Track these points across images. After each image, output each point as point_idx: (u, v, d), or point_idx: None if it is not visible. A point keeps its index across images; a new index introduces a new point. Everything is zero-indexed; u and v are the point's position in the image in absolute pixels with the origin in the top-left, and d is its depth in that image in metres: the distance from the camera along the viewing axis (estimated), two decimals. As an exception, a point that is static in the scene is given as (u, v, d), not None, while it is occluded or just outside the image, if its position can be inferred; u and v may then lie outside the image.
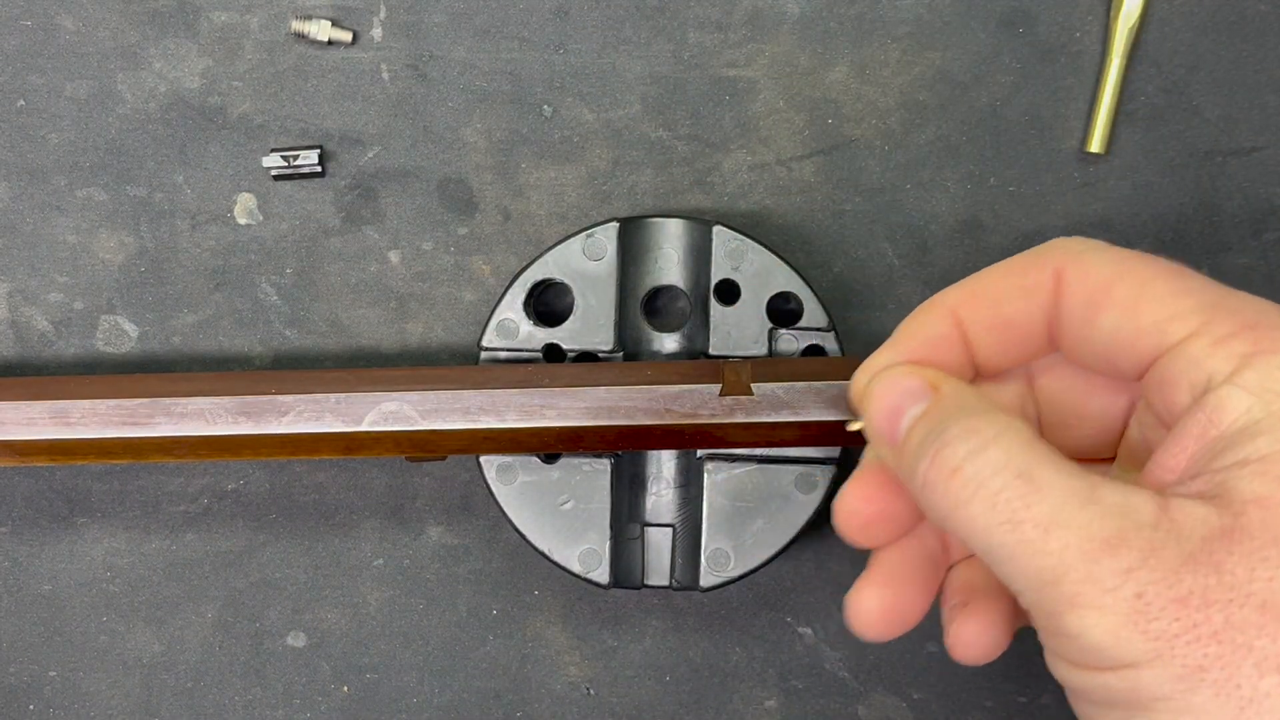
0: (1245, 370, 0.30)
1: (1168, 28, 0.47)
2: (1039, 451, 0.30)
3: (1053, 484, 0.30)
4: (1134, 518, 0.29)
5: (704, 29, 0.47)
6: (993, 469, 0.30)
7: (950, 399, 0.32)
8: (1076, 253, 0.33)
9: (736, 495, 0.44)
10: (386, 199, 0.48)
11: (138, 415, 0.43)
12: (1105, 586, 0.29)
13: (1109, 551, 0.29)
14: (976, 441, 0.31)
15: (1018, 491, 0.30)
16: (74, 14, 0.48)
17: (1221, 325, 0.31)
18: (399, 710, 0.48)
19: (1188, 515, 0.29)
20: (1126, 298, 0.32)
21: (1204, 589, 0.28)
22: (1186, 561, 0.29)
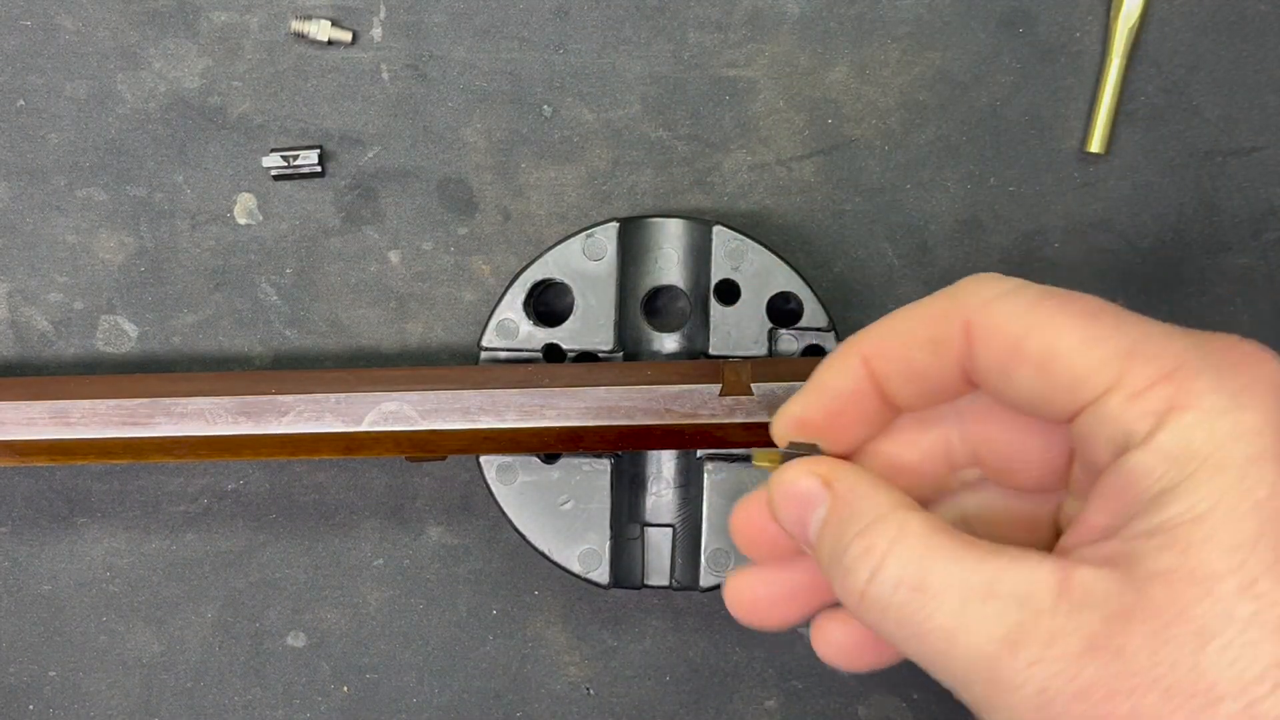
0: (1160, 431, 0.29)
1: (1168, 28, 0.47)
2: (934, 550, 0.30)
3: (947, 588, 0.30)
4: (1033, 605, 0.29)
5: (704, 29, 0.47)
6: (891, 587, 0.30)
7: (845, 502, 0.33)
8: (984, 301, 0.31)
9: (737, 495, 0.44)
10: (386, 199, 0.48)
11: (138, 415, 0.43)
12: (1011, 686, 0.29)
13: (1009, 650, 0.29)
14: (873, 561, 0.31)
15: (917, 606, 0.30)
16: (74, 14, 0.48)
17: (1138, 376, 0.29)
18: (399, 710, 0.48)
19: (1090, 591, 0.29)
20: (1038, 353, 0.30)
21: (1107, 678, 0.28)
22: (1088, 649, 0.28)
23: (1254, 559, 0.27)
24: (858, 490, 0.33)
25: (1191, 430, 0.28)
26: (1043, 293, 0.31)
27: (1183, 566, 0.28)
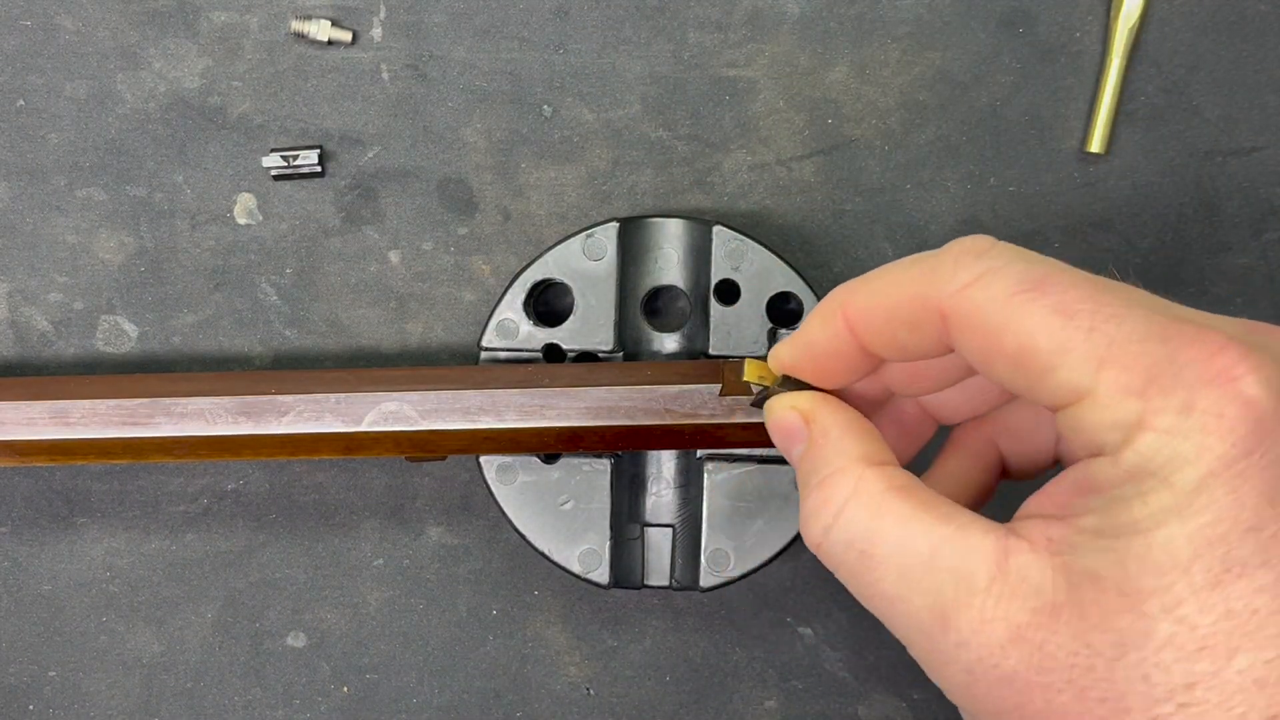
0: (1124, 448, 0.29)
1: (1168, 28, 0.47)
2: (884, 513, 0.32)
3: (890, 557, 0.31)
4: (968, 584, 0.30)
5: (704, 29, 0.47)
6: (843, 546, 0.32)
7: (816, 446, 0.34)
8: (962, 286, 0.31)
9: (736, 495, 0.44)
10: (386, 199, 0.48)
11: (138, 415, 0.43)
12: (942, 659, 0.30)
13: (941, 627, 0.30)
14: (828, 514, 0.33)
15: (863, 568, 0.32)
16: (74, 14, 0.48)
17: (1108, 387, 0.29)
18: (399, 710, 0.48)
19: (1024, 579, 0.29)
20: (1014, 351, 0.30)
21: (1027, 670, 0.29)
22: (1012, 639, 0.29)
23: (1183, 583, 0.28)
24: (830, 435, 0.34)
25: (1152, 450, 0.28)
26: (1021, 280, 0.30)
27: (1115, 576, 0.28)
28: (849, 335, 0.34)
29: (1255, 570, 0.27)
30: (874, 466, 0.33)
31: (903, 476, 0.33)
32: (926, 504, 0.32)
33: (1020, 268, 0.30)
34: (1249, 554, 0.27)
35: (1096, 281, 0.30)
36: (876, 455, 0.33)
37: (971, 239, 0.32)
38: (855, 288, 0.34)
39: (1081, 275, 0.30)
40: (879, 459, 0.33)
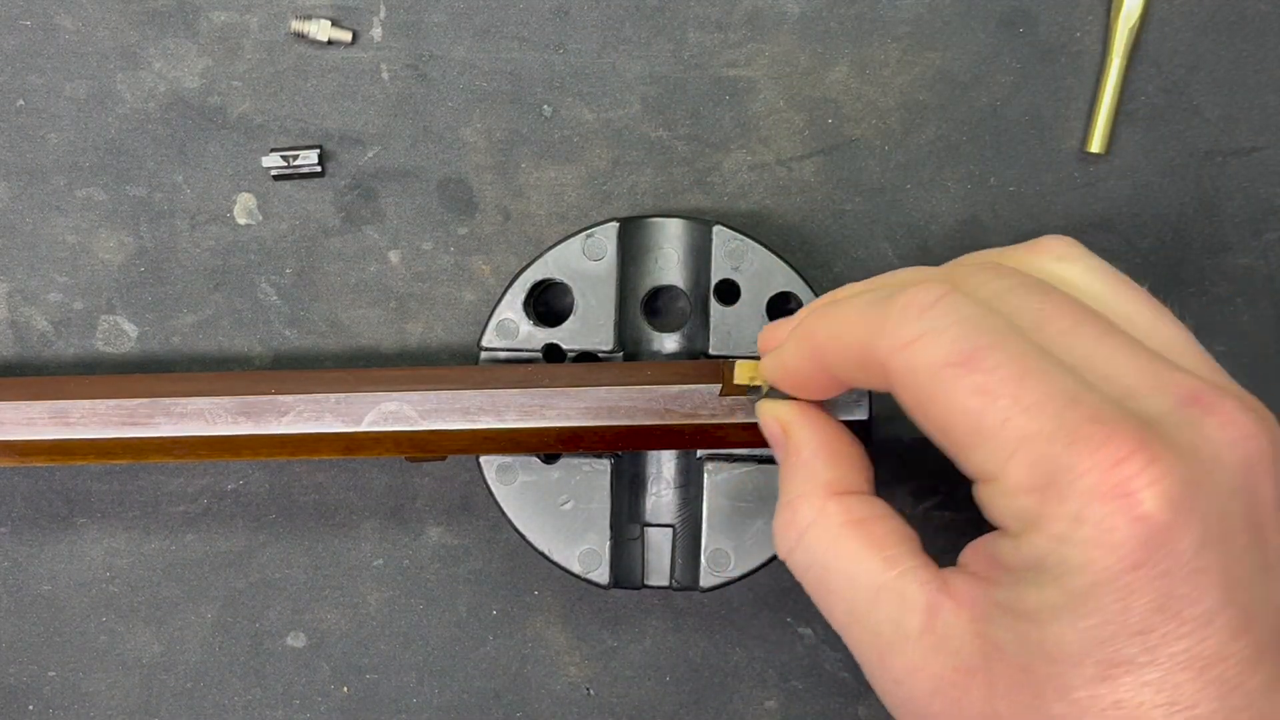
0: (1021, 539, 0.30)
1: (1168, 28, 0.47)
2: (838, 547, 0.34)
3: (839, 590, 0.34)
4: (903, 629, 0.32)
5: (704, 29, 0.47)
6: (803, 568, 0.35)
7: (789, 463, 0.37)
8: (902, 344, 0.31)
9: (737, 495, 0.44)
10: (386, 199, 0.48)
11: (138, 415, 0.43)
12: (882, 688, 0.33)
13: (880, 663, 0.33)
14: (793, 537, 0.35)
15: (819, 593, 0.35)
16: (74, 14, 0.48)
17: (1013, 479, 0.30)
18: (399, 710, 0.48)
19: (948, 637, 0.32)
20: (938, 422, 0.31)
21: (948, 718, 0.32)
22: (935, 691, 0.32)
23: (1073, 673, 0.29)
24: (802, 454, 0.36)
25: (1044, 550, 0.29)
26: (952, 351, 0.30)
27: (1017, 654, 0.30)
28: (817, 362, 0.35)
29: (1142, 668, 0.29)
30: (835, 497, 0.35)
31: (862, 508, 0.35)
32: (877, 543, 0.34)
33: (954, 335, 0.31)
34: (1136, 653, 0.29)
35: (1030, 360, 0.30)
36: (841, 483, 0.35)
37: (926, 288, 0.32)
38: (819, 319, 0.35)
39: (1020, 350, 0.30)
40: (843, 487, 0.35)
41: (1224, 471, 0.29)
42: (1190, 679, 0.29)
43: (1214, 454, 0.29)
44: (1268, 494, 0.30)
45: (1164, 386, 0.30)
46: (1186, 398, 0.30)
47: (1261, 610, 0.29)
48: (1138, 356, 0.31)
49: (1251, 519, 0.29)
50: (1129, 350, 0.31)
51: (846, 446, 0.36)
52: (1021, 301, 0.32)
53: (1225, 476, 0.29)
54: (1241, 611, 0.29)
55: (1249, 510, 0.30)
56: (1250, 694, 0.29)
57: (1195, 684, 0.29)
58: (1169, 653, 0.29)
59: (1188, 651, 0.29)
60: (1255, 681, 0.29)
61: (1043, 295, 0.32)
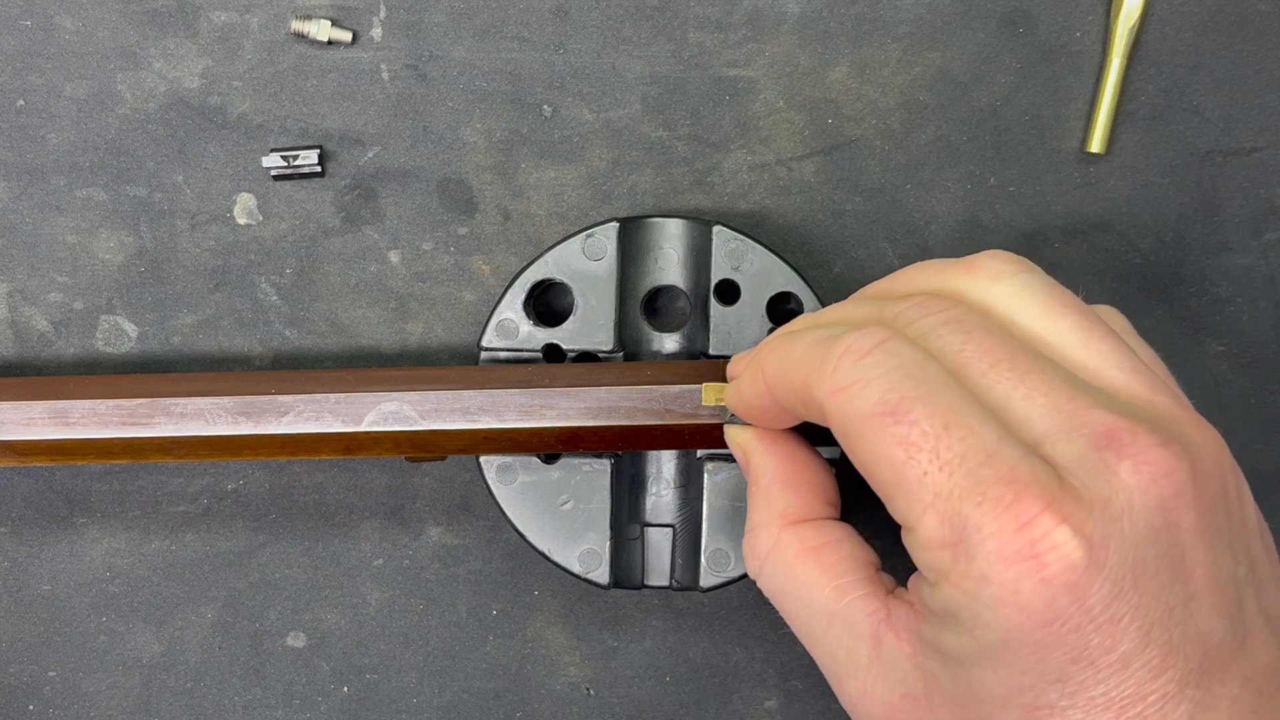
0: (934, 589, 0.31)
1: (1168, 28, 0.47)
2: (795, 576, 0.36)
3: (797, 616, 0.36)
4: (855, 656, 0.34)
5: (704, 29, 0.47)
6: (768, 590, 0.37)
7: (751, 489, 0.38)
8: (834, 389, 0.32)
9: (737, 495, 0.44)
10: (386, 199, 0.48)
11: (138, 415, 0.43)
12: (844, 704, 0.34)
13: (836, 683, 0.35)
14: (755, 563, 0.37)
15: (785, 615, 0.36)
16: (74, 14, 0.48)
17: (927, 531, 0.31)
18: (399, 710, 0.48)
19: (893, 666, 0.33)
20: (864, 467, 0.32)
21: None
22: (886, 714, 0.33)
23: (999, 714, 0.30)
24: (760, 483, 0.38)
25: (957, 604, 0.30)
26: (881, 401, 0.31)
27: (950, 689, 0.31)
28: (771, 398, 0.36)
29: (1064, 711, 0.30)
30: (789, 527, 0.36)
31: (815, 536, 0.36)
32: (829, 571, 0.35)
33: (884, 385, 0.31)
34: (1056, 698, 0.30)
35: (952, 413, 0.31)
36: (796, 511, 0.37)
37: (863, 336, 0.33)
38: (769, 353, 0.36)
39: (945, 401, 0.31)
40: (797, 515, 0.37)
41: (1137, 517, 0.30)
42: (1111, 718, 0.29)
43: (1127, 500, 0.30)
44: (1187, 526, 0.30)
45: (1078, 428, 0.30)
46: (1099, 440, 0.30)
47: (1184, 643, 0.30)
48: (1054, 395, 0.31)
49: (1170, 557, 0.30)
50: (1045, 389, 0.31)
51: (806, 472, 0.38)
52: (945, 342, 0.32)
53: (1139, 522, 0.30)
54: (1160, 651, 0.29)
55: (1165, 550, 0.30)
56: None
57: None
58: (1087, 696, 0.29)
59: (1105, 695, 0.29)
60: (1178, 714, 0.29)
61: (965, 335, 0.32)
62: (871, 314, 0.35)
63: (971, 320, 0.33)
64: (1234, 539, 0.31)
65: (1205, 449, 0.31)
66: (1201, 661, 0.30)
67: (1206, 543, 0.30)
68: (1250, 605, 0.31)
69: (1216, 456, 0.31)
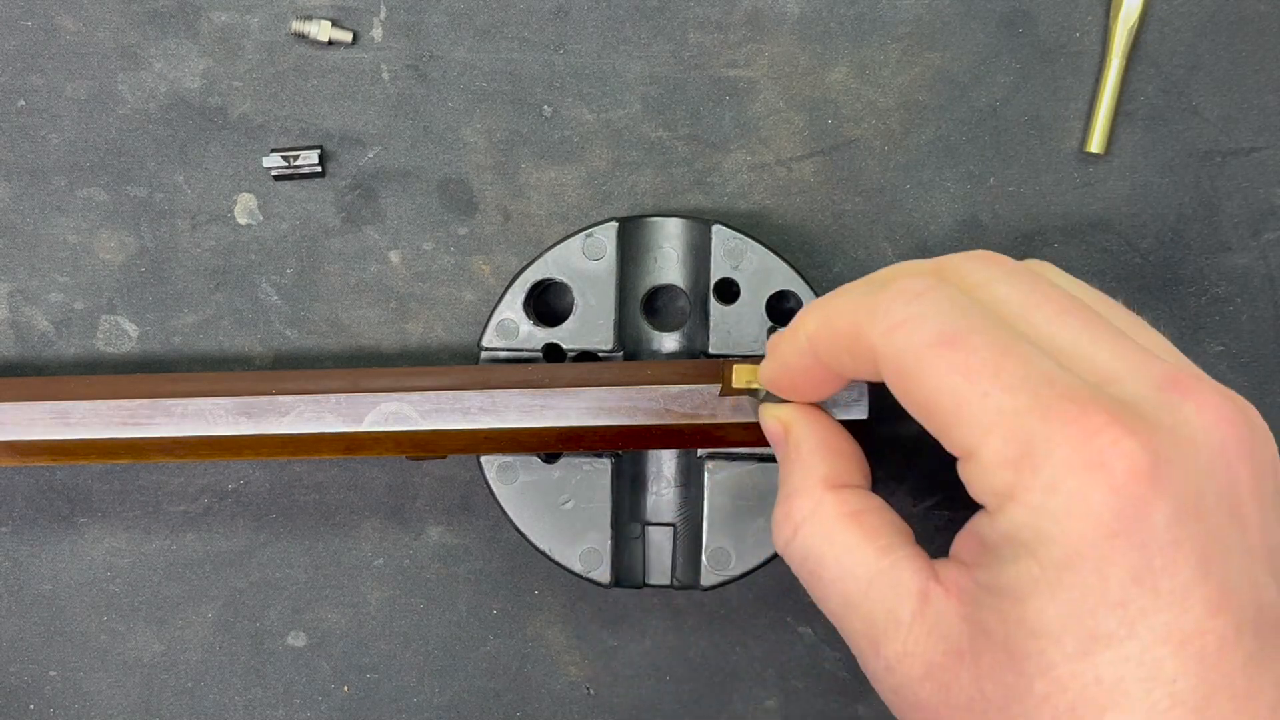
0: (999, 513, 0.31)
1: (1168, 28, 0.47)
2: (833, 539, 0.35)
3: (834, 581, 0.35)
4: (895, 617, 0.33)
5: (704, 29, 0.47)
6: (799, 560, 0.36)
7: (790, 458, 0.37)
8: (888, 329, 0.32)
9: (737, 494, 0.44)
10: (386, 199, 0.48)
11: (138, 415, 0.43)
12: (875, 675, 0.34)
13: (873, 650, 0.34)
14: (789, 530, 0.36)
15: (814, 584, 0.35)
16: (74, 14, 0.48)
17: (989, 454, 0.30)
18: (399, 710, 0.48)
19: (939, 622, 0.32)
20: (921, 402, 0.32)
21: (937, 704, 0.32)
22: (926, 675, 0.32)
23: (1054, 649, 0.30)
24: (800, 450, 0.37)
25: (1020, 523, 0.30)
26: (938, 333, 0.31)
27: (1001, 634, 0.31)
28: (811, 353, 0.36)
29: (1122, 642, 0.29)
30: (832, 490, 0.36)
31: (858, 501, 0.36)
32: (871, 534, 0.35)
33: (941, 320, 0.32)
34: (1115, 627, 0.29)
35: (1010, 343, 0.31)
36: (838, 477, 0.36)
37: (916, 278, 0.33)
38: (813, 310, 0.36)
39: (1002, 334, 0.31)
40: (840, 480, 0.36)
41: (1200, 451, 0.30)
42: (1169, 654, 0.29)
43: (1190, 435, 0.30)
44: (1244, 478, 0.30)
45: (1145, 372, 0.31)
46: (1166, 382, 0.31)
47: (1240, 588, 0.29)
48: (1120, 344, 0.32)
49: (1227, 500, 0.30)
50: (1111, 338, 0.32)
51: (844, 444, 0.37)
52: (1009, 289, 0.33)
53: (1201, 456, 0.30)
54: (1218, 587, 0.29)
55: (1224, 492, 0.30)
56: (1229, 671, 0.29)
57: (1174, 659, 0.29)
58: (1147, 625, 0.29)
59: (1166, 625, 0.29)
60: (1234, 658, 0.29)
61: (1031, 282, 0.33)
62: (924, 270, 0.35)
63: (1034, 273, 0.34)
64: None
65: (1260, 420, 0.32)
66: (1256, 615, 0.29)
67: (1260, 502, 0.30)
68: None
69: (1267, 431, 0.32)
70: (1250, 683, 0.29)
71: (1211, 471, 0.30)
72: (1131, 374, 0.31)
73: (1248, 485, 0.30)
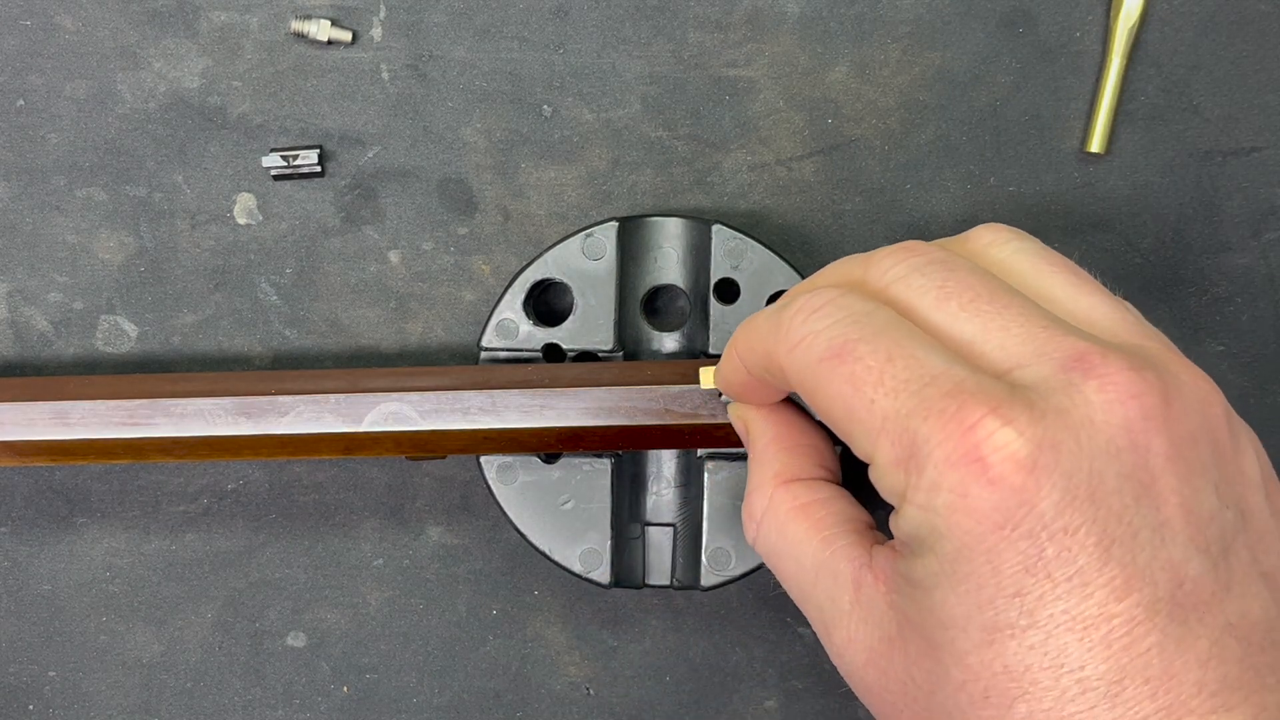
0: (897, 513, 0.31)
1: (1168, 28, 0.47)
2: (786, 533, 0.36)
3: (789, 573, 0.36)
4: (837, 604, 0.34)
5: (704, 29, 0.47)
6: (764, 552, 0.37)
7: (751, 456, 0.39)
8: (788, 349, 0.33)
9: (737, 494, 0.44)
10: (386, 199, 0.48)
11: (138, 415, 0.43)
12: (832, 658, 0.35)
13: (825, 634, 0.35)
14: (752, 528, 0.37)
15: (778, 575, 0.37)
16: (74, 14, 0.48)
17: (882, 457, 0.31)
18: (399, 710, 0.48)
19: (872, 609, 0.33)
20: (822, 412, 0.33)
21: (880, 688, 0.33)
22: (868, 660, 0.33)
23: (963, 639, 0.30)
24: (757, 448, 0.38)
25: (915, 522, 0.31)
26: (828, 347, 0.32)
27: (920, 622, 0.31)
28: (748, 373, 0.37)
29: (1025, 631, 0.29)
30: (784, 485, 0.37)
31: (808, 493, 0.37)
32: (817, 525, 0.36)
33: (830, 333, 0.33)
34: (1015, 616, 0.29)
35: (897, 346, 0.31)
36: (789, 471, 0.37)
37: (814, 294, 0.34)
38: (741, 330, 0.37)
39: (889, 339, 0.32)
40: (791, 475, 0.37)
41: (1096, 432, 0.29)
42: (1074, 640, 0.29)
43: (1087, 415, 0.30)
44: (1156, 452, 0.30)
45: (1049, 353, 0.31)
46: (1068, 362, 0.30)
47: (1151, 569, 0.29)
48: (1030, 324, 0.31)
49: (1136, 479, 0.29)
50: (1022, 319, 0.32)
51: (800, 437, 0.38)
52: (925, 280, 0.33)
53: (1098, 437, 0.29)
54: (1123, 570, 0.29)
55: (1130, 470, 0.29)
56: (1141, 654, 0.29)
57: (1080, 645, 0.29)
58: (1047, 614, 0.29)
59: (1066, 613, 0.29)
60: (1148, 642, 0.29)
61: (946, 272, 0.33)
62: (852, 271, 0.35)
63: (955, 260, 0.34)
64: (1221, 482, 0.31)
65: (1190, 386, 0.31)
66: (1174, 593, 0.29)
67: (1180, 474, 0.30)
68: (1241, 554, 0.30)
69: (1205, 397, 0.31)
70: (1168, 664, 0.29)
71: (1112, 451, 0.29)
72: (1036, 357, 0.31)
73: (1163, 457, 0.30)
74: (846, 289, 0.34)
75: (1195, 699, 0.29)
